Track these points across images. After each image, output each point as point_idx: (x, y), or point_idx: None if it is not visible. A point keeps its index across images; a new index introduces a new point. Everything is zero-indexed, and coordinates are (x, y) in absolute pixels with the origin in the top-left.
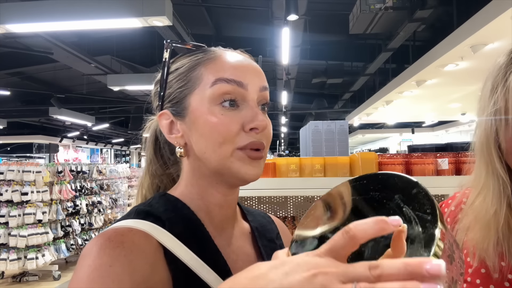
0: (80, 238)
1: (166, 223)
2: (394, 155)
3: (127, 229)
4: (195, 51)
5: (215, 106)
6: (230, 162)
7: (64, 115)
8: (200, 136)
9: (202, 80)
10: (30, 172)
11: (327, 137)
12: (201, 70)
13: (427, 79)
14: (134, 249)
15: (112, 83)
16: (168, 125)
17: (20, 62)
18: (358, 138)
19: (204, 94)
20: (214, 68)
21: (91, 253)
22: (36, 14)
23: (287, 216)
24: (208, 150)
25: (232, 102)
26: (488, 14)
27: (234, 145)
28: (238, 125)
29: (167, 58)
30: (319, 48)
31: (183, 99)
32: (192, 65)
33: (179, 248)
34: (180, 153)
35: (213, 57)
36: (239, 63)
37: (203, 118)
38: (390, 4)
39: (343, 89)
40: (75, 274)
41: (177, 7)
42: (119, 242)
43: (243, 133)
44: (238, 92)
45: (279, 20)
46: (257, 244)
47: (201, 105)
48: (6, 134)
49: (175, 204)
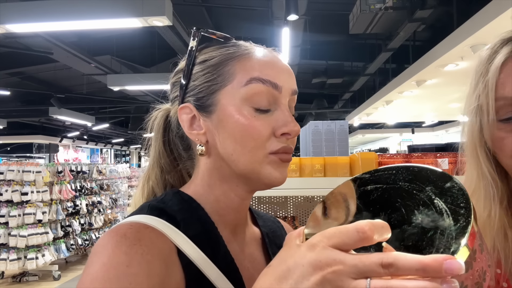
0: (80, 238)
1: (181, 223)
2: (394, 155)
3: (143, 226)
4: (225, 44)
5: (248, 107)
6: (260, 167)
7: (64, 115)
8: (228, 137)
9: (234, 77)
10: (30, 172)
11: (327, 137)
12: (235, 65)
13: (427, 79)
14: (151, 248)
15: (112, 83)
16: (189, 120)
17: (20, 62)
18: (358, 138)
19: (237, 92)
20: (249, 66)
21: (106, 250)
22: (36, 14)
23: (287, 216)
24: (236, 153)
25: (265, 104)
26: (488, 14)
27: (265, 150)
28: (269, 129)
29: (194, 46)
30: (319, 48)
31: (211, 94)
32: (223, 58)
33: (193, 251)
34: (201, 151)
35: (247, 53)
36: (275, 63)
37: (234, 118)
38: (390, 4)
39: (343, 89)
40: (88, 271)
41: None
42: (136, 239)
43: (273, 138)
44: (272, 94)
45: (279, 20)
46: (267, 251)
47: (232, 104)
48: (6, 134)
49: (189, 204)
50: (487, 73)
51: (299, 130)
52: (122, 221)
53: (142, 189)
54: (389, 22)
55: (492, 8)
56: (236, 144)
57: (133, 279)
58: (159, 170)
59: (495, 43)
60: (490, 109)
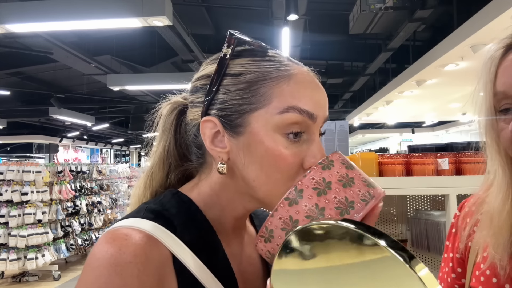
0: (80, 238)
1: (178, 228)
2: (394, 155)
3: (139, 235)
4: (262, 57)
5: (280, 136)
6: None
7: (64, 115)
8: (253, 163)
9: (271, 101)
10: (30, 172)
11: (327, 137)
12: (272, 88)
13: (427, 79)
14: (146, 265)
15: (112, 83)
16: (212, 134)
17: (20, 62)
18: (358, 138)
19: (270, 118)
20: (287, 92)
21: (100, 266)
22: (36, 14)
23: None
24: (259, 180)
25: (298, 135)
26: (488, 14)
27: (290, 183)
28: (299, 160)
29: (228, 54)
30: (319, 48)
31: (242, 114)
32: (260, 77)
33: (188, 257)
34: (221, 169)
35: (287, 75)
36: (315, 91)
37: (264, 145)
38: (390, 4)
39: (343, 89)
40: (81, 285)
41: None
42: (132, 255)
43: (301, 170)
44: (306, 125)
45: (279, 20)
46: None
47: (264, 130)
48: (6, 134)
49: (188, 207)
50: (484, 70)
51: None
52: (118, 225)
53: (145, 189)
54: (389, 22)
55: (492, 8)
56: (262, 172)
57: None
58: (165, 168)
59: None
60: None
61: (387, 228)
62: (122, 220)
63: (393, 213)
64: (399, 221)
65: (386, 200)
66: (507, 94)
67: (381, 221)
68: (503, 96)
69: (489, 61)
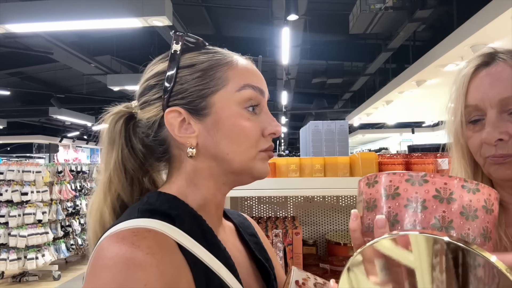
0: (80, 238)
1: (176, 219)
2: (394, 155)
3: (146, 230)
4: (208, 49)
5: (241, 109)
6: (253, 163)
7: (64, 115)
8: (224, 138)
9: (228, 83)
10: (30, 172)
11: (327, 137)
12: (226, 72)
13: (427, 79)
14: (162, 255)
15: (112, 83)
16: (178, 124)
17: (20, 62)
18: (358, 138)
19: (231, 97)
20: (240, 73)
21: (118, 265)
22: (36, 14)
23: (287, 216)
24: (232, 152)
25: (254, 108)
26: (488, 14)
27: (257, 149)
28: (259, 130)
29: (178, 50)
30: (319, 48)
31: (204, 98)
32: (213, 64)
33: (194, 246)
34: (191, 153)
35: (234, 60)
36: (257, 72)
37: (231, 120)
38: (390, 4)
39: (343, 89)
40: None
41: (177, 7)
42: (147, 247)
43: (262, 138)
44: (259, 99)
45: (279, 20)
46: (243, 239)
47: (227, 107)
48: (6, 134)
49: (176, 202)
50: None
51: (281, 130)
52: (117, 228)
53: (105, 196)
54: (389, 22)
55: (492, 8)
56: (233, 144)
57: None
58: (124, 175)
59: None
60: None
61: None
62: (117, 225)
63: None
64: None
65: None
66: (478, 107)
67: None
68: (474, 109)
69: (462, 78)
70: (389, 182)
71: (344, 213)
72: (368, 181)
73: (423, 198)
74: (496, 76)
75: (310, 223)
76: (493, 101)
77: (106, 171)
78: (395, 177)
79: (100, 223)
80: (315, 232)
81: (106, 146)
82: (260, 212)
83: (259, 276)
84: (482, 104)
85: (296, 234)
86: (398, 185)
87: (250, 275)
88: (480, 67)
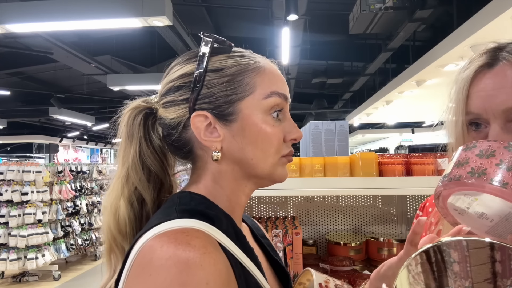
0: (80, 238)
1: (215, 220)
2: (394, 155)
3: (195, 230)
4: (236, 53)
5: (267, 117)
6: (275, 169)
7: (64, 115)
8: (249, 143)
9: (255, 89)
10: (30, 172)
11: (327, 137)
12: (254, 78)
13: (427, 79)
14: (216, 254)
15: (112, 83)
16: (204, 127)
17: (20, 62)
18: (358, 138)
19: (258, 104)
20: (267, 80)
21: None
22: (36, 14)
23: (287, 216)
24: (256, 157)
25: (279, 114)
26: (488, 14)
27: (279, 154)
28: (282, 135)
29: (207, 53)
30: (319, 48)
31: (231, 103)
32: (241, 69)
33: (233, 246)
34: (216, 157)
35: (261, 66)
36: (281, 77)
37: (258, 127)
38: (390, 4)
39: (343, 89)
40: None
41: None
42: (202, 246)
43: (284, 143)
44: (283, 105)
45: (279, 20)
46: (258, 240)
47: (254, 114)
48: (6, 134)
49: (209, 202)
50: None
51: (302, 135)
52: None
53: (122, 190)
54: (389, 22)
55: (492, 8)
56: (257, 149)
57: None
58: (142, 169)
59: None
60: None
61: (387, 228)
62: (160, 225)
63: (393, 213)
64: (399, 221)
65: (386, 200)
66: (480, 116)
67: (381, 221)
68: (476, 116)
69: (462, 82)
70: (488, 146)
71: (344, 213)
72: (467, 146)
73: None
74: (500, 82)
75: (310, 223)
76: (496, 111)
77: (123, 165)
78: (495, 144)
79: (115, 218)
80: (315, 232)
81: (124, 140)
82: (260, 212)
83: (276, 276)
84: (485, 114)
85: (296, 234)
86: (496, 149)
87: (269, 275)
88: (482, 69)
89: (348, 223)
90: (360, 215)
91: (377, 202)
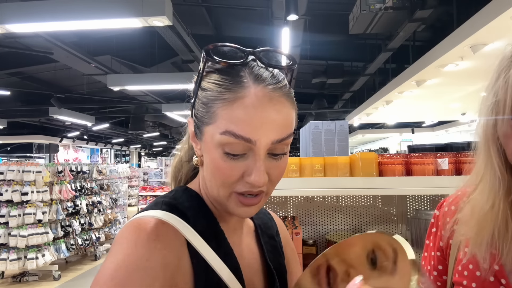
0: (80, 238)
1: (191, 219)
2: (394, 155)
3: (160, 221)
4: (225, 76)
5: (220, 151)
6: (227, 202)
7: (64, 115)
8: (207, 167)
9: (215, 121)
10: (30, 172)
11: (327, 137)
12: (218, 110)
13: (427, 79)
14: (167, 243)
15: (112, 83)
16: (192, 132)
17: (20, 62)
18: (358, 138)
19: (215, 135)
20: (227, 116)
21: (128, 242)
22: (36, 14)
23: (287, 216)
24: (210, 182)
25: (237, 152)
26: (488, 14)
27: (231, 190)
28: (239, 173)
29: (201, 69)
30: (319, 48)
31: (202, 124)
32: (214, 96)
33: (201, 244)
34: (196, 161)
35: (236, 97)
36: (255, 117)
37: (210, 156)
38: (390, 4)
39: (343, 89)
40: (111, 259)
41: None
42: (155, 234)
43: (242, 180)
44: (245, 146)
45: (279, 20)
46: (260, 241)
47: (211, 143)
48: (6, 134)
49: (197, 200)
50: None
51: (262, 183)
52: (140, 215)
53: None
54: (389, 22)
55: (492, 8)
56: (211, 176)
57: (152, 273)
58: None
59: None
60: (507, 106)
61: (387, 228)
62: (142, 212)
63: (393, 213)
64: (399, 221)
65: (386, 200)
66: None
67: (381, 221)
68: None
69: None
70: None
71: (344, 213)
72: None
73: None
74: None
75: (310, 223)
76: None
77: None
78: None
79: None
80: (315, 232)
81: None
82: None
83: (267, 280)
84: None
85: (296, 234)
86: None
87: (259, 277)
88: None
89: (348, 223)
90: (360, 215)
91: (377, 202)
